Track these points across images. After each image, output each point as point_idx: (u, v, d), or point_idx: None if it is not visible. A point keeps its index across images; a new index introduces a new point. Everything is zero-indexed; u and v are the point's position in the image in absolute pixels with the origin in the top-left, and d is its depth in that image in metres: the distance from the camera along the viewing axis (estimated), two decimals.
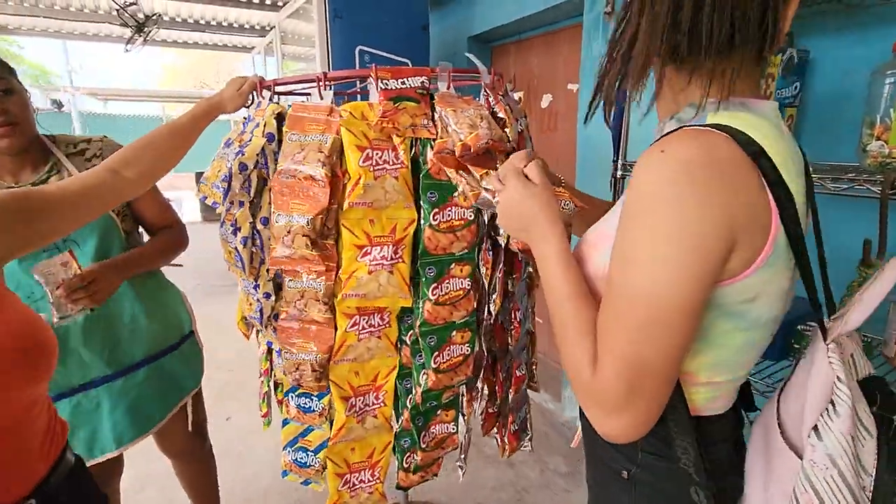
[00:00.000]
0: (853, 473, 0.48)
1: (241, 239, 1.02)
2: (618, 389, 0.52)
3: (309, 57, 2.79)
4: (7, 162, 1.09)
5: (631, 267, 0.51)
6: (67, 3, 4.58)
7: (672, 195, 0.48)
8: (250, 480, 2.05)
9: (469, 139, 0.93)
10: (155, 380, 1.27)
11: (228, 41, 5.69)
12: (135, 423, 1.22)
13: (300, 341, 1.02)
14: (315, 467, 1.15)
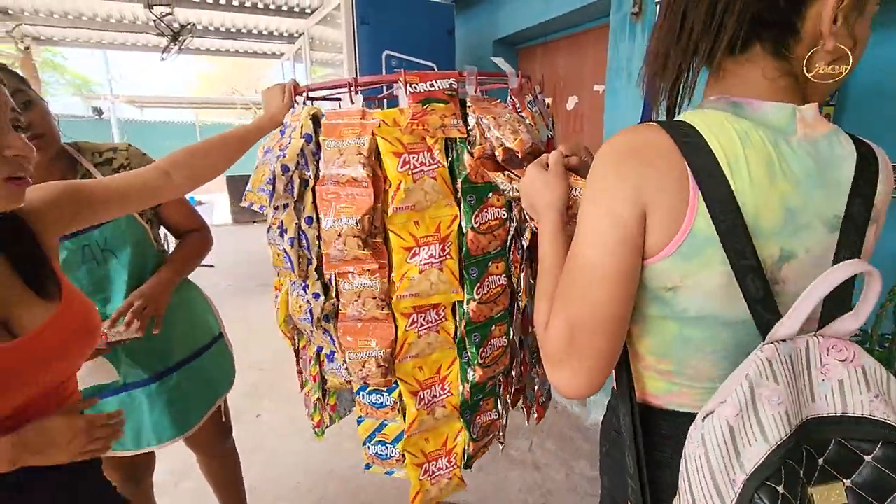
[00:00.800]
0: (721, 460, 0.47)
1: (289, 240, 1.07)
2: (558, 344, 0.58)
3: (336, 62, 2.86)
4: (41, 169, 1.07)
5: (575, 239, 0.59)
6: (108, 15, 4.79)
7: (597, 175, 0.57)
8: (279, 478, 2.10)
9: (515, 144, 0.96)
10: (189, 382, 1.31)
11: (259, 48, 5.85)
12: (174, 423, 1.27)
13: (363, 340, 1.06)
14: (395, 457, 1.20)
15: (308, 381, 1.36)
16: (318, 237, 1.15)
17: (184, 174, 0.97)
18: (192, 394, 1.31)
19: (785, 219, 0.52)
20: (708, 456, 0.47)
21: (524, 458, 2.18)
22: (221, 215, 8.99)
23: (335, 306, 1.16)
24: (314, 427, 1.37)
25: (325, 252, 1.06)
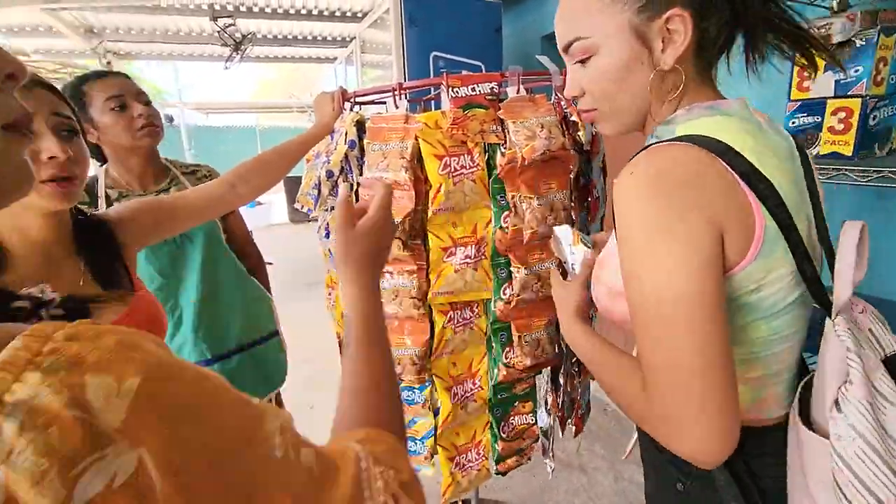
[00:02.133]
0: (880, 441, 0.46)
1: (334, 241, 1.12)
2: (673, 401, 0.51)
3: (386, 64, 2.92)
4: (136, 167, 1.25)
5: (638, 283, 0.54)
6: (178, 28, 5.15)
7: (652, 210, 0.52)
8: None
9: (525, 151, 0.96)
10: (247, 368, 1.41)
11: (313, 54, 6.07)
12: None
13: (398, 337, 1.10)
14: (424, 454, 1.24)
15: None
16: None
17: (246, 186, 1.04)
18: (248, 380, 1.40)
19: (799, 192, 0.58)
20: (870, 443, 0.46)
21: (571, 461, 2.14)
22: (279, 215, 9.44)
23: None
24: None
25: None
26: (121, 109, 1.16)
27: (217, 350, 1.33)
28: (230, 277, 1.36)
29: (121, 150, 1.21)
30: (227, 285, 1.35)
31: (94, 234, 0.84)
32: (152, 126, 1.21)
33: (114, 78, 1.20)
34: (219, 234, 1.34)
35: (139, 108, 1.18)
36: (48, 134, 0.72)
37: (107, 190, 1.22)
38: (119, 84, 1.18)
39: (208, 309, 1.31)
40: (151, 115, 1.21)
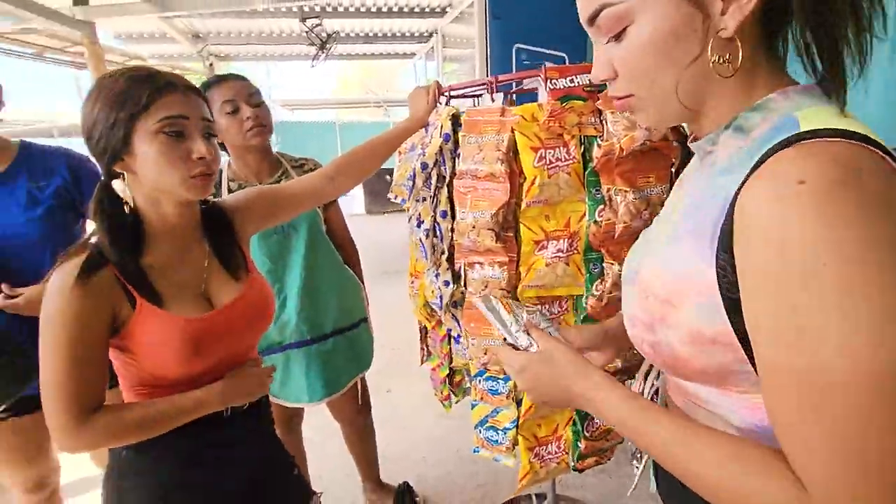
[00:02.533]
0: None
1: (424, 231, 1.16)
2: None
3: (464, 58, 2.94)
4: (252, 162, 1.38)
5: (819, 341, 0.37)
6: (270, 31, 5.52)
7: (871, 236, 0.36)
8: (407, 451, 2.27)
9: (624, 142, 0.93)
10: (340, 351, 1.50)
11: (393, 50, 6.25)
12: (326, 384, 1.47)
13: (485, 328, 1.12)
14: (505, 444, 1.25)
15: (435, 358, 1.46)
16: (451, 229, 1.22)
17: (344, 177, 1.10)
18: (342, 362, 1.49)
19: None
20: None
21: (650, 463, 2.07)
22: (357, 206, 9.86)
23: (463, 294, 1.23)
24: (442, 400, 1.47)
25: (457, 242, 1.12)
26: (233, 113, 1.28)
27: (315, 332, 1.43)
28: (329, 265, 1.45)
29: (236, 149, 1.34)
30: (326, 272, 1.44)
31: (217, 221, 0.94)
32: (260, 127, 1.31)
33: (231, 81, 1.32)
34: (320, 224, 1.43)
35: (248, 111, 1.29)
36: (198, 136, 0.81)
37: (229, 182, 1.35)
38: (234, 88, 1.30)
39: (309, 293, 1.40)
40: (259, 117, 1.31)
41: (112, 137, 0.76)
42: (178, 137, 0.79)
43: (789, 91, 0.46)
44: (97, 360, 0.77)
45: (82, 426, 0.75)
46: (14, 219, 1.15)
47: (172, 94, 0.78)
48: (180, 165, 0.79)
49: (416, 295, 1.35)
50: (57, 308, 0.73)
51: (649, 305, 0.52)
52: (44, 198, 1.19)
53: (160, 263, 0.83)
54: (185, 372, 0.83)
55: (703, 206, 0.48)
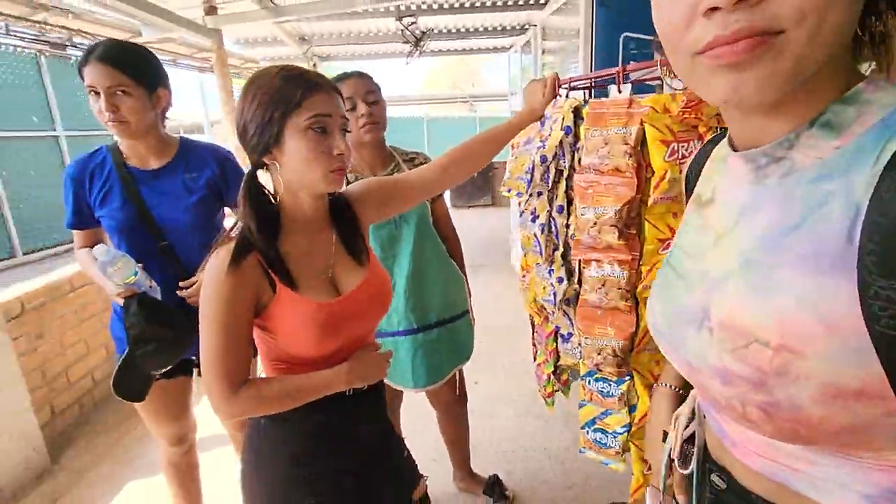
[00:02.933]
0: None
1: (539, 226, 1.15)
2: None
3: (569, 50, 2.86)
4: (367, 156, 1.46)
5: None
6: (368, 30, 5.75)
7: None
8: (492, 443, 2.29)
9: None
10: (443, 341, 1.55)
11: (486, 44, 6.24)
12: (429, 372, 1.52)
13: (600, 327, 1.10)
14: (615, 448, 1.21)
15: (541, 354, 1.45)
16: (567, 225, 1.20)
17: (457, 169, 1.12)
18: (444, 352, 1.53)
19: None
20: None
21: None
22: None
23: (576, 291, 1.21)
24: (545, 397, 1.46)
25: (576, 238, 1.10)
26: (351, 109, 1.37)
27: (421, 322, 1.48)
28: (435, 257, 1.50)
29: (352, 143, 1.42)
30: (433, 264, 1.49)
31: (341, 211, 1.00)
32: (372, 124, 1.39)
33: (352, 79, 1.40)
34: (428, 217, 1.49)
35: (363, 108, 1.38)
36: (338, 133, 0.87)
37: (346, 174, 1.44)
38: (353, 86, 1.39)
39: (416, 283, 1.46)
40: (373, 114, 1.39)
41: (266, 131, 0.83)
42: (322, 133, 0.85)
43: (878, 81, 0.39)
44: (246, 338, 0.85)
45: (234, 396, 0.83)
46: (175, 205, 1.31)
47: (320, 93, 0.84)
48: (323, 160, 0.85)
49: (526, 289, 1.35)
50: (214, 291, 0.81)
51: (753, 356, 0.41)
52: (197, 188, 1.35)
53: (295, 251, 0.90)
54: (315, 352, 0.90)
55: (807, 225, 0.39)
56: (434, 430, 1.91)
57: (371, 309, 0.98)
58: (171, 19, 3.48)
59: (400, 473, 1.08)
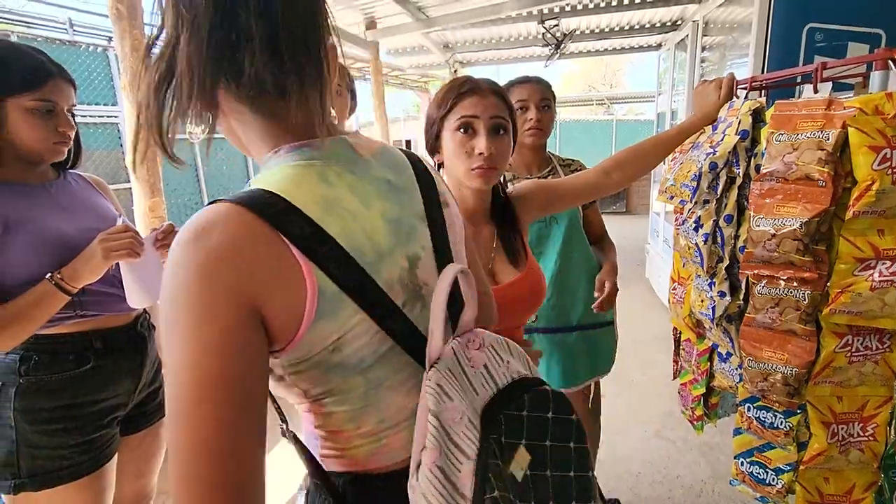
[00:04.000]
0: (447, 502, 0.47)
1: (703, 236, 1.08)
2: None
3: (726, 45, 2.60)
4: (526, 157, 1.52)
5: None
6: (509, 35, 5.84)
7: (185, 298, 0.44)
8: (618, 461, 2.18)
9: None
10: (581, 346, 1.52)
11: (633, 43, 5.94)
12: (562, 375, 1.51)
13: (770, 351, 1.01)
14: (777, 487, 1.10)
15: (689, 374, 1.36)
16: (735, 236, 1.11)
17: (620, 173, 1.11)
18: (581, 358, 1.51)
19: (394, 231, 0.55)
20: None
21: None
22: None
23: (741, 308, 1.11)
24: (692, 420, 1.36)
25: (748, 251, 1.02)
26: (522, 111, 1.43)
27: (561, 322, 1.49)
28: (582, 260, 1.48)
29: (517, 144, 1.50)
30: (579, 267, 1.48)
31: (503, 208, 1.05)
32: (538, 129, 1.44)
33: (528, 84, 1.46)
34: (579, 222, 1.48)
35: (533, 113, 1.43)
36: (483, 133, 0.92)
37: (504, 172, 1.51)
38: (527, 90, 1.44)
39: (560, 284, 1.47)
40: (541, 121, 1.43)
41: (431, 132, 0.97)
42: (467, 133, 0.92)
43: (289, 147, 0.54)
44: None
45: None
46: None
47: (471, 97, 0.92)
48: (465, 159, 0.92)
49: (678, 302, 1.28)
50: None
51: None
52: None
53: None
54: None
55: None
56: None
57: (526, 302, 1.02)
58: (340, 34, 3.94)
59: None
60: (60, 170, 1.11)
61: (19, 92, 0.94)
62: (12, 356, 0.99)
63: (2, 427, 0.98)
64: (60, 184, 1.08)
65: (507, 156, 0.97)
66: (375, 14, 4.27)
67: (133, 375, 1.13)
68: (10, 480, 0.97)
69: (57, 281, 0.94)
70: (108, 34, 5.56)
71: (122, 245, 0.98)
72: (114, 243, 0.97)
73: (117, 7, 2.00)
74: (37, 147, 0.99)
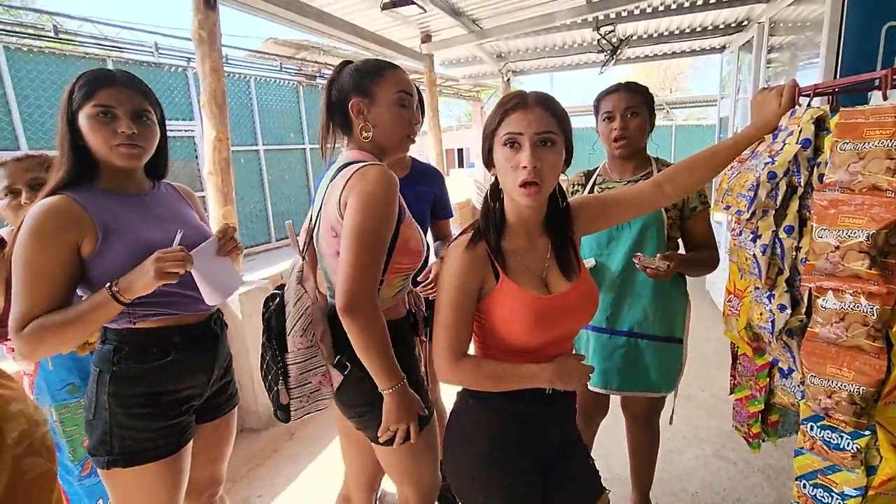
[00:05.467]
0: None
1: (761, 247, 1.05)
2: None
3: (795, 46, 2.47)
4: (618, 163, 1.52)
5: None
6: (563, 42, 5.80)
7: None
8: (676, 478, 2.11)
9: None
10: (631, 355, 1.49)
11: (694, 46, 5.73)
12: (601, 374, 1.50)
13: (835, 367, 0.96)
14: None
15: (745, 389, 1.31)
16: (797, 248, 1.07)
17: (672, 186, 1.09)
18: (628, 366, 1.50)
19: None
20: None
21: None
22: None
23: (802, 322, 1.06)
24: (748, 438, 1.31)
25: (809, 263, 0.98)
26: (608, 121, 1.46)
27: (612, 324, 1.48)
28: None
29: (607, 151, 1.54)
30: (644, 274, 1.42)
31: (560, 221, 1.06)
32: (622, 139, 1.45)
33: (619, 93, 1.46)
34: (658, 227, 1.44)
35: (618, 122, 1.44)
36: (527, 147, 0.93)
37: (595, 177, 1.54)
38: (614, 100, 1.45)
39: (620, 285, 1.46)
40: (627, 128, 1.44)
41: (485, 148, 1.00)
42: (512, 147, 0.94)
43: None
44: (470, 317, 0.99)
45: (456, 364, 0.98)
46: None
47: (516, 112, 0.94)
48: (511, 173, 0.94)
49: (733, 315, 1.24)
50: (453, 262, 0.98)
51: None
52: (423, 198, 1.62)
53: (514, 248, 1.01)
54: (525, 341, 0.99)
55: None
56: (612, 457, 1.85)
57: (579, 310, 1.04)
58: (395, 48, 4.09)
59: (584, 480, 1.11)
60: (154, 180, 1.24)
61: (82, 103, 1.05)
62: (108, 346, 1.11)
63: (99, 409, 1.10)
64: (154, 194, 1.20)
65: (555, 168, 0.97)
66: (431, 28, 4.39)
67: (206, 369, 1.23)
68: (104, 457, 1.10)
69: (114, 292, 1.02)
70: (187, 55, 6.07)
71: (173, 265, 1.03)
72: (165, 263, 1.02)
73: (199, 32, 2.20)
74: (102, 150, 1.07)
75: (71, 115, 1.06)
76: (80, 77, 1.07)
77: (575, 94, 24.10)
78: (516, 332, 0.98)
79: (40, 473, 0.63)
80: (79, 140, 1.07)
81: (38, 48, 5.21)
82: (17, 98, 5.02)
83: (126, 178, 1.15)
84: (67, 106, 1.06)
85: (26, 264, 0.99)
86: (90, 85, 1.06)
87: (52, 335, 1.00)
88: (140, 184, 1.19)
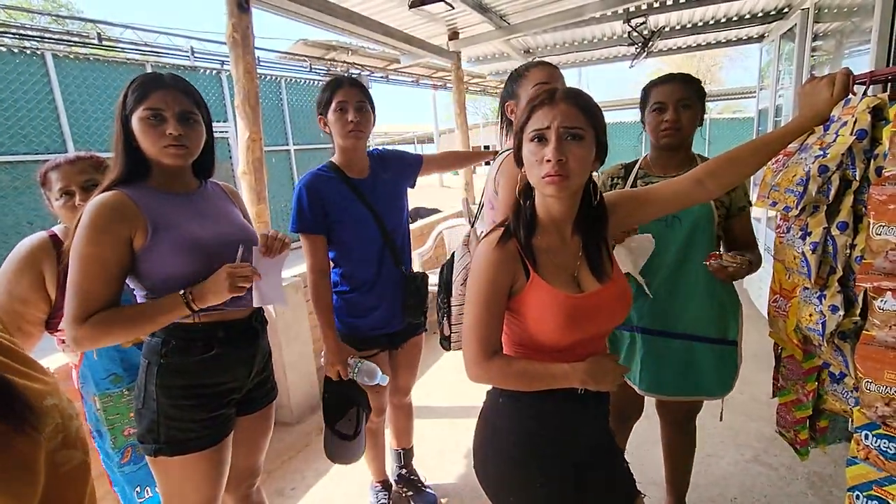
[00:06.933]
0: None
1: (811, 244, 1.01)
2: None
3: (842, 33, 2.35)
4: (664, 157, 1.47)
5: None
6: (592, 36, 5.68)
7: None
8: (714, 483, 2.04)
9: None
10: (678, 356, 1.44)
11: (725, 37, 5.52)
12: (649, 377, 1.45)
13: (893, 373, 0.91)
14: None
15: (791, 393, 1.25)
16: (851, 245, 1.02)
17: (714, 181, 1.04)
18: (675, 368, 1.44)
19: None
20: None
21: None
22: None
23: (856, 324, 1.01)
24: (795, 444, 1.25)
25: (865, 261, 0.93)
26: (659, 113, 1.40)
27: (663, 325, 1.43)
28: (703, 267, 1.35)
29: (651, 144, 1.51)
30: (697, 273, 1.38)
31: (590, 219, 1.04)
32: (671, 130, 1.39)
33: (671, 84, 1.41)
34: (709, 224, 1.38)
35: (669, 115, 1.38)
36: (556, 141, 0.91)
37: (637, 170, 1.49)
38: (665, 91, 1.40)
39: (671, 285, 1.40)
40: (678, 120, 1.38)
41: (516, 144, 0.99)
42: (539, 142, 0.93)
43: None
44: (500, 315, 0.98)
45: (486, 362, 0.97)
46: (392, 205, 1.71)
47: (542, 108, 0.93)
48: (537, 167, 0.93)
49: (780, 316, 1.19)
50: (483, 260, 0.97)
51: None
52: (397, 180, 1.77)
53: (546, 246, 0.99)
54: (557, 340, 0.97)
55: None
56: (646, 460, 1.81)
57: (610, 312, 1.01)
58: (423, 46, 4.09)
59: (618, 483, 1.09)
60: (201, 179, 1.28)
61: (134, 106, 1.10)
62: (156, 339, 1.16)
63: (147, 399, 1.15)
64: (200, 193, 1.25)
65: (583, 163, 0.94)
66: (458, 24, 4.37)
67: (247, 364, 1.27)
68: (152, 445, 1.15)
69: (188, 300, 1.08)
70: (221, 59, 6.25)
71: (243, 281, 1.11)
72: (237, 278, 1.10)
73: (234, 35, 2.25)
74: (151, 151, 1.12)
75: (125, 118, 1.11)
76: (133, 81, 1.12)
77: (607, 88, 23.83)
78: (547, 330, 0.96)
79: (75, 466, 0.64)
80: (132, 141, 1.12)
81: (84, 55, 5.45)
82: (65, 103, 5.26)
83: (174, 177, 1.19)
84: (122, 109, 1.11)
85: (84, 255, 1.04)
86: (142, 89, 1.10)
87: (121, 328, 1.06)
88: (188, 183, 1.23)
